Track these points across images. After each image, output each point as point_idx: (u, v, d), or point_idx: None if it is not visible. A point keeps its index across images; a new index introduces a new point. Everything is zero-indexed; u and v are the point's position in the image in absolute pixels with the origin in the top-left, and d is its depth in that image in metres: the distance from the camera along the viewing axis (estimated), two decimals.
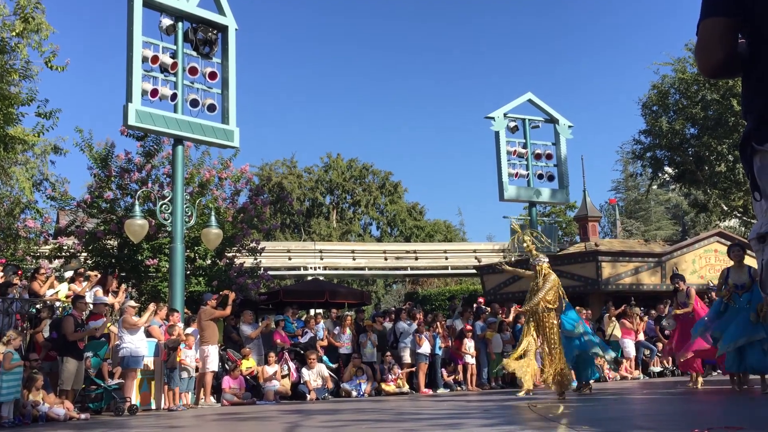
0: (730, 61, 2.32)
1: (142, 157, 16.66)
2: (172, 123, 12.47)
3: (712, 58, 2.31)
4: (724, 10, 2.28)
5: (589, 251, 21.50)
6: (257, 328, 13.79)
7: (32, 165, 15.79)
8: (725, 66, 2.34)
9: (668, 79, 25.97)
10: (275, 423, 8.24)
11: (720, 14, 2.27)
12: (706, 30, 2.32)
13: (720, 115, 23.90)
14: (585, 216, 25.62)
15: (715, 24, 2.30)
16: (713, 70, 2.36)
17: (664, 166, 27.56)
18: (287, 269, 28.00)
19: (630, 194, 53.67)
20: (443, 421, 7.29)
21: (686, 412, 7.76)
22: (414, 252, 30.45)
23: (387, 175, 47.04)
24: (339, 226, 44.88)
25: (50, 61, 13.20)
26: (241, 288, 16.27)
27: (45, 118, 14.55)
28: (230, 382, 12.54)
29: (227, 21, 13.48)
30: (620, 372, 16.68)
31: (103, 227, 16.18)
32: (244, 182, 18.32)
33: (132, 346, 10.78)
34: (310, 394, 13.09)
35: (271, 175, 44.47)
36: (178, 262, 12.33)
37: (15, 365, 8.91)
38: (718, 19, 2.28)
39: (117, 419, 9.72)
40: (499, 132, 17.83)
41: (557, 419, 7.02)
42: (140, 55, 12.16)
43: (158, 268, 15.58)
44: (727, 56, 2.30)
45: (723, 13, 2.28)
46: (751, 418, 6.84)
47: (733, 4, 2.26)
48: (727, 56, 2.30)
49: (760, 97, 2.24)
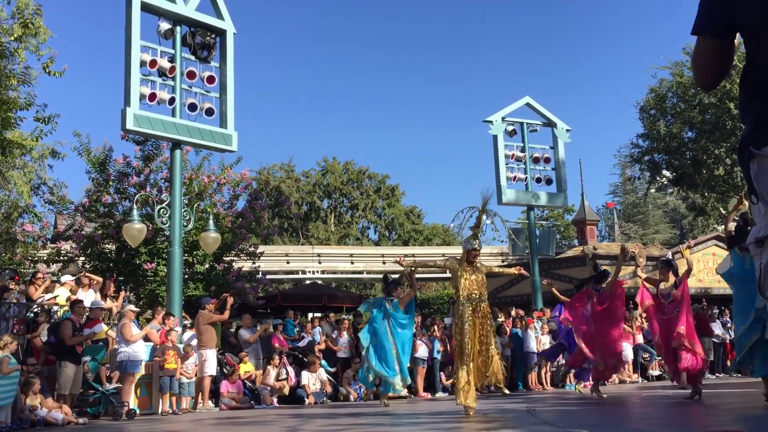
0: (724, 76, 2.38)
1: (140, 161, 16.66)
2: (170, 127, 12.47)
3: (706, 79, 2.38)
4: (715, 31, 2.29)
5: (587, 254, 21.52)
6: (255, 332, 13.78)
7: (30, 169, 15.74)
8: (719, 81, 2.40)
9: (666, 82, 26.04)
10: (274, 427, 8.22)
11: (709, 34, 2.30)
12: (699, 51, 2.36)
13: (718, 118, 23.96)
14: (583, 219, 25.67)
15: (707, 46, 2.33)
16: (708, 87, 2.44)
17: (662, 170, 27.62)
18: (285, 273, 27.99)
19: (628, 198, 53.76)
20: (442, 425, 7.28)
21: (686, 415, 7.76)
22: (412, 256, 30.41)
23: (384, 178, 47.04)
24: (337, 230, 44.85)
25: (48, 66, 13.19)
26: (239, 292, 16.27)
27: (44, 123, 14.54)
28: (228, 386, 12.51)
29: (225, 25, 13.49)
30: (619, 375, 16.67)
31: (101, 231, 16.18)
32: (243, 187, 18.33)
33: (130, 350, 10.79)
34: (308, 398, 13.07)
35: (269, 179, 44.46)
36: (176, 266, 12.32)
37: (12, 369, 8.90)
38: (710, 42, 2.31)
39: (115, 424, 9.71)
40: (497, 136, 17.85)
41: (555, 423, 7.02)
42: (138, 60, 12.17)
43: (156, 272, 15.57)
44: (720, 76, 2.37)
45: (712, 33, 2.30)
46: (751, 421, 6.84)
47: (722, 24, 2.28)
48: (721, 76, 2.37)
49: (755, 102, 2.25)
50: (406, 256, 30.62)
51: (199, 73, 13.07)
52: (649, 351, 17.84)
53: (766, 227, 2.22)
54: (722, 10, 2.28)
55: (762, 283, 2.29)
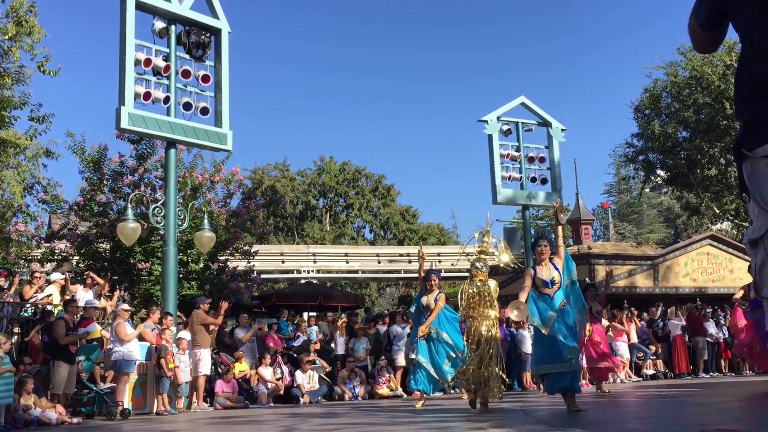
0: (716, 49, 2.67)
1: (135, 161, 16.61)
2: (165, 126, 12.44)
3: (696, 46, 2.62)
4: (704, 23, 2.37)
5: (582, 254, 21.55)
6: (249, 331, 13.76)
7: (24, 168, 15.69)
8: (711, 49, 2.65)
9: (660, 82, 26.10)
10: (269, 426, 8.21)
11: (700, 27, 2.42)
12: (693, 33, 2.51)
13: (712, 118, 24.02)
14: (578, 219, 25.70)
15: (695, 29, 2.49)
16: (701, 51, 2.72)
17: (657, 170, 27.68)
18: (280, 272, 27.94)
19: (622, 197, 53.88)
20: (436, 424, 7.29)
21: (680, 414, 7.78)
22: (407, 255, 30.42)
23: (380, 178, 47.03)
24: (332, 230, 44.82)
25: (43, 65, 13.16)
26: (234, 292, 16.24)
27: (38, 122, 14.50)
28: (223, 385, 12.50)
29: (220, 24, 13.45)
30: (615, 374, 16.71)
31: (95, 230, 16.12)
32: (236, 185, 18.29)
33: (125, 350, 10.76)
34: (303, 398, 13.07)
35: (264, 178, 44.39)
36: (171, 265, 12.29)
37: (5, 370, 8.87)
38: (699, 31, 2.45)
39: (109, 423, 9.68)
40: (492, 135, 17.85)
41: (549, 422, 7.03)
42: (133, 58, 12.12)
43: (151, 272, 15.52)
44: (708, 47, 2.61)
45: (702, 25, 2.39)
46: (745, 420, 6.86)
47: (711, 19, 2.35)
48: (709, 47, 2.61)
49: (747, 103, 2.26)
50: (401, 255, 30.67)
51: (194, 72, 13.03)
52: (643, 350, 17.89)
53: (759, 228, 2.23)
54: (713, 8, 2.32)
55: (758, 282, 2.30)
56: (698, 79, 24.33)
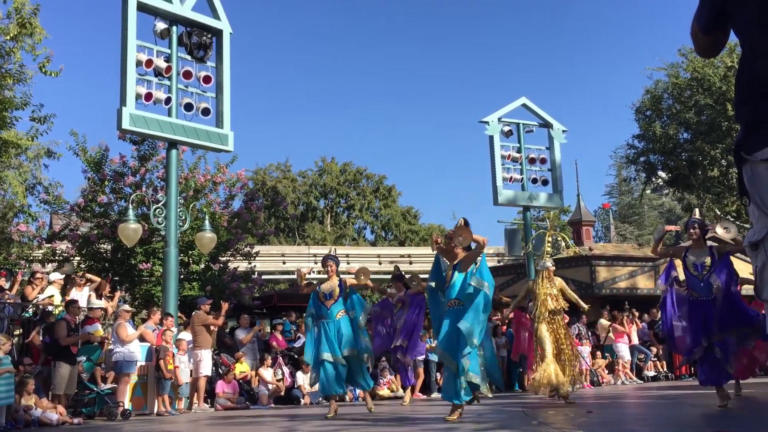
0: (717, 53, 2.67)
1: (136, 161, 16.63)
2: (167, 127, 12.45)
3: (698, 50, 2.63)
4: (705, 26, 2.38)
5: (584, 255, 21.54)
6: (250, 333, 13.77)
7: (25, 169, 15.72)
8: (713, 53, 2.65)
9: (661, 84, 26.09)
10: (270, 427, 8.21)
11: (701, 31, 2.42)
12: (693, 31, 2.52)
13: (713, 119, 24.01)
14: (579, 220, 25.71)
15: (697, 33, 2.49)
16: (702, 55, 2.72)
17: (658, 171, 27.67)
18: (281, 273, 27.94)
19: (623, 199, 53.91)
20: (437, 425, 7.28)
21: (679, 416, 7.77)
22: (408, 256, 30.43)
23: (381, 178, 47.01)
24: (333, 231, 44.79)
25: (44, 66, 13.17)
26: (235, 293, 16.24)
27: (39, 122, 14.51)
28: (224, 386, 12.51)
29: (222, 25, 13.47)
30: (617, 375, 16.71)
31: (96, 231, 16.14)
32: (239, 187, 18.31)
33: (125, 350, 10.77)
34: (304, 399, 13.07)
35: (265, 179, 44.39)
36: (172, 266, 12.30)
37: (4, 370, 8.87)
38: (701, 35, 2.45)
39: (110, 424, 9.69)
40: (493, 136, 17.85)
41: (550, 423, 7.02)
42: (134, 59, 12.13)
43: (152, 273, 15.54)
44: (710, 51, 2.61)
45: (703, 28, 2.39)
46: (747, 422, 6.86)
47: (711, 21, 2.36)
48: (710, 51, 2.61)
49: (747, 104, 2.26)
50: (402, 256, 30.64)
51: (196, 72, 13.04)
52: (644, 352, 17.88)
53: (760, 231, 2.23)
54: (714, 8, 2.32)
55: (759, 285, 2.30)
56: (699, 80, 24.32)
